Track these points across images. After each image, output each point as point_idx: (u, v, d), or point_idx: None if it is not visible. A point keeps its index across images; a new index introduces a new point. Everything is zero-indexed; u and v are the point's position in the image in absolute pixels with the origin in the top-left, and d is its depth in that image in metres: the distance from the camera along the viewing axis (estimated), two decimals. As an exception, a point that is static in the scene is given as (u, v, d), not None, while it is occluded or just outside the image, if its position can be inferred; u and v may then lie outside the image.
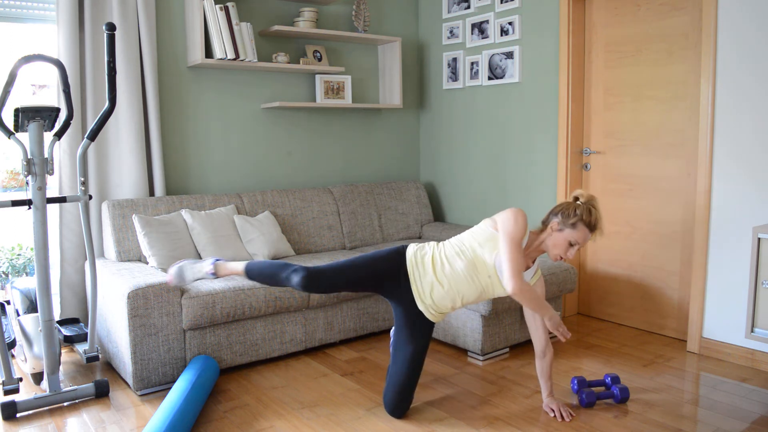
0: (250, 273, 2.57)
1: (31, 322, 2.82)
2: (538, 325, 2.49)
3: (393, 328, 2.76)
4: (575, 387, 2.64)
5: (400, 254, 2.48)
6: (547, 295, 3.22)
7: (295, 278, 2.44)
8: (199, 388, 2.51)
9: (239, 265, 2.60)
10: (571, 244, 2.36)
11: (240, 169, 3.87)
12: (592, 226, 2.36)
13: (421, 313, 2.47)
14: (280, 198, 3.76)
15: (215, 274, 2.61)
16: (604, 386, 2.67)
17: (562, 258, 2.39)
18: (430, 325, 2.50)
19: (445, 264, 2.41)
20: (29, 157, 2.47)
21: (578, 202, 2.39)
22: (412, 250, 2.49)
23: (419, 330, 2.48)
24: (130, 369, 2.70)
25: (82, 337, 2.92)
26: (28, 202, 2.50)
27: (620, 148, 3.59)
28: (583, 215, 2.35)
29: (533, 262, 2.49)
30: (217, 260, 2.64)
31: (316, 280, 2.44)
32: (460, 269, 2.38)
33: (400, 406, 2.47)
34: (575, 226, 2.35)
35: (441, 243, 2.50)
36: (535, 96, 3.85)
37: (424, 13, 4.57)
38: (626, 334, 3.50)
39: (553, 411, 2.47)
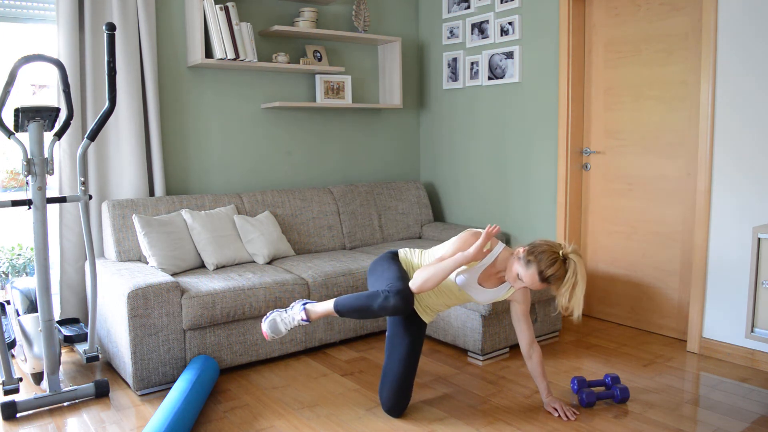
0: (341, 311, 2.38)
1: (31, 322, 2.82)
2: (522, 328, 2.50)
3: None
4: (575, 387, 2.64)
5: (395, 258, 2.57)
6: (547, 295, 3.22)
7: (393, 301, 2.23)
8: (199, 388, 2.51)
9: (329, 305, 2.43)
10: (519, 278, 2.28)
11: (240, 169, 3.87)
12: (542, 275, 2.19)
13: (414, 311, 2.51)
14: (280, 198, 3.76)
15: (308, 320, 2.48)
16: (604, 386, 2.67)
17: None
18: (424, 322, 2.55)
19: None
20: (29, 157, 2.47)
21: (560, 250, 2.21)
22: (401, 255, 2.59)
23: (413, 327, 2.51)
24: (130, 369, 2.70)
25: (82, 337, 2.92)
26: (28, 202, 2.50)
27: (620, 148, 3.59)
28: (543, 261, 2.18)
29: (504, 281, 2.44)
30: (305, 304, 2.50)
31: (409, 293, 2.29)
32: None
33: (398, 404, 2.47)
34: (528, 265, 2.22)
35: (423, 253, 2.56)
36: (535, 96, 3.85)
37: (424, 13, 4.57)
38: (626, 334, 3.50)
39: (557, 410, 2.46)
